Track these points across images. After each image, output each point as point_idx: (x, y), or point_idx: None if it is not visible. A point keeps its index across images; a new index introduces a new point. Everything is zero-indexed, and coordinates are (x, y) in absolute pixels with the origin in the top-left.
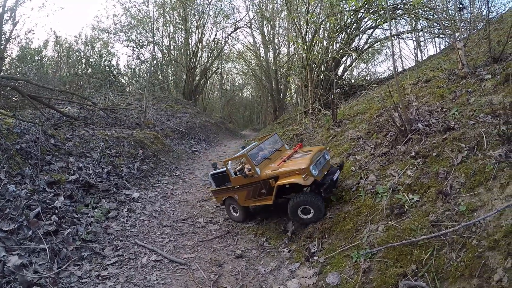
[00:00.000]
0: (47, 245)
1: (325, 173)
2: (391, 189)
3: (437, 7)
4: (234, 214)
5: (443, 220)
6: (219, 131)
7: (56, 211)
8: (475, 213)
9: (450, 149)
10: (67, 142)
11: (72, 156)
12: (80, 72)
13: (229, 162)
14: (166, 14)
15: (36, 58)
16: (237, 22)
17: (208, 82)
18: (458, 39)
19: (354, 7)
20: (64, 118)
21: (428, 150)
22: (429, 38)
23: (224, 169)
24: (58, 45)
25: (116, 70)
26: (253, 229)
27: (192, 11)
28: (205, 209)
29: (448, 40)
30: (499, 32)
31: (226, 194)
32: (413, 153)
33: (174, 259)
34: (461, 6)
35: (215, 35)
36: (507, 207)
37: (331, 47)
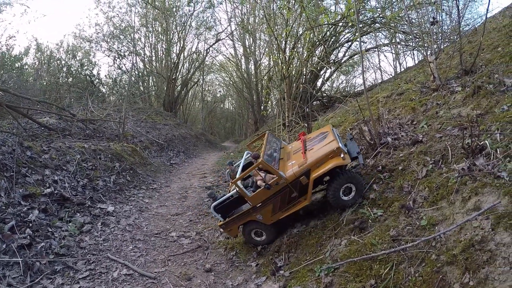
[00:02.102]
0: (20, 259)
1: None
2: (357, 203)
3: (412, 20)
4: (258, 239)
5: (403, 235)
6: (198, 143)
7: (31, 225)
8: (436, 228)
9: (416, 162)
10: (44, 154)
11: (48, 168)
12: (60, 81)
13: (239, 182)
14: (148, 25)
15: (17, 65)
16: (218, 34)
17: (190, 93)
18: (429, 52)
19: (326, 23)
20: (42, 128)
21: (394, 164)
22: (406, 51)
23: (224, 197)
24: (40, 52)
25: (97, 80)
26: (224, 243)
27: (174, 22)
28: (179, 223)
29: (423, 53)
30: (473, 45)
31: (242, 220)
32: (380, 167)
33: (144, 273)
34: (433, 20)
35: (197, 46)
36: (467, 221)
37: (309, 60)
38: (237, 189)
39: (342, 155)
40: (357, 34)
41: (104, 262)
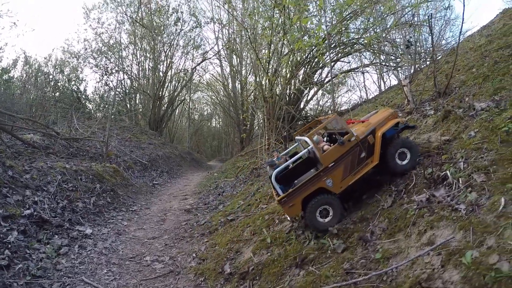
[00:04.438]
0: None
1: None
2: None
3: (394, 40)
4: (323, 220)
5: (357, 268)
6: (183, 163)
7: (9, 246)
8: (390, 261)
9: (382, 191)
10: (25, 174)
11: (29, 189)
12: (47, 95)
13: (315, 137)
14: (137, 42)
15: (4, 77)
16: (205, 54)
17: (176, 112)
18: (403, 76)
19: (301, 48)
20: (26, 146)
21: (359, 194)
22: (386, 71)
23: (289, 161)
24: (28, 65)
25: (84, 96)
26: (194, 269)
27: (162, 41)
28: (154, 247)
29: (397, 76)
30: (450, 65)
31: (309, 189)
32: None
33: None
34: (408, 43)
35: (184, 64)
36: (419, 257)
37: (291, 81)
38: (312, 143)
39: (400, 116)
40: (340, 54)
41: (78, 285)
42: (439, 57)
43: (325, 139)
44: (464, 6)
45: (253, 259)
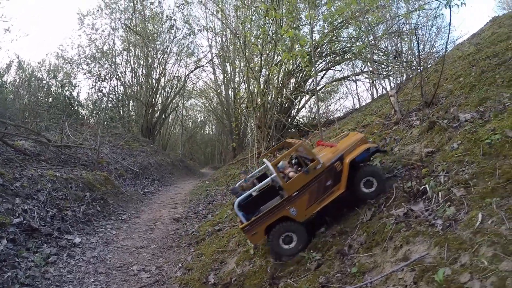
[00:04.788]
0: None
1: None
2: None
3: (387, 48)
4: (287, 246)
5: (333, 282)
6: (175, 171)
7: None
8: (365, 275)
9: (362, 204)
10: (15, 182)
11: (19, 197)
12: (40, 101)
13: (280, 163)
14: (131, 48)
15: None
16: (198, 61)
17: (170, 119)
18: (390, 86)
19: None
20: (17, 153)
21: (340, 206)
22: (376, 80)
23: (251, 190)
24: (21, 70)
25: (76, 102)
26: (179, 279)
27: (155, 48)
28: (142, 256)
29: (384, 87)
30: (438, 74)
31: (272, 218)
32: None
33: None
34: (395, 53)
35: (177, 71)
36: (393, 272)
37: (282, 90)
38: (275, 173)
39: (370, 141)
40: (331, 63)
41: None
42: (429, 66)
43: (294, 161)
44: (450, 17)
45: (236, 270)
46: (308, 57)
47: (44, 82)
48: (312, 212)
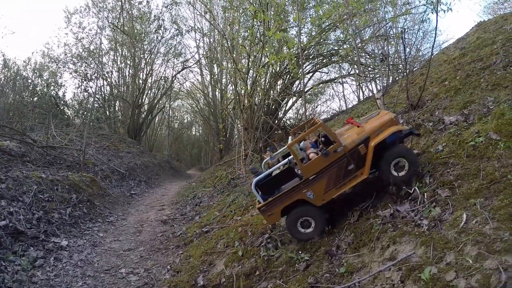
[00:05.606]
0: None
1: None
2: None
3: (370, 54)
4: (305, 230)
5: (322, 282)
6: (161, 172)
7: None
8: (353, 275)
9: (350, 205)
10: (1, 183)
11: (4, 199)
12: (25, 100)
13: (297, 144)
14: (118, 47)
15: None
16: (185, 62)
17: (156, 119)
18: (377, 89)
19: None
20: (2, 154)
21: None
22: (363, 82)
23: (270, 170)
24: (6, 68)
25: (62, 102)
26: (168, 282)
27: (142, 48)
28: (130, 259)
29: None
30: (424, 77)
31: (288, 200)
32: None
33: None
34: (382, 57)
35: (164, 72)
36: (380, 272)
37: (269, 92)
38: (293, 153)
39: (400, 124)
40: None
41: None
42: (415, 69)
43: (321, 139)
44: (437, 22)
45: (225, 271)
46: (295, 59)
47: (30, 81)
48: (331, 196)
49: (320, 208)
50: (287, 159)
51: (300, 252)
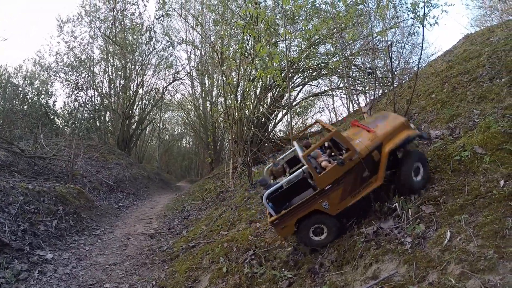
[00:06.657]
0: None
1: None
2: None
3: (359, 67)
4: (317, 238)
5: None
6: (150, 184)
7: None
8: None
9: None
10: None
11: None
12: (16, 108)
13: (310, 155)
14: (109, 58)
15: None
16: (176, 74)
17: (147, 131)
18: (364, 103)
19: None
20: None
21: None
22: (352, 95)
23: (282, 181)
24: None
25: (52, 111)
26: None
27: (133, 59)
28: (115, 273)
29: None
30: (412, 90)
31: (303, 212)
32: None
33: None
34: (370, 71)
35: (155, 83)
36: None
37: (259, 105)
38: (307, 164)
39: (413, 127)
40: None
41: None
42: (403, 82)
43: (326, 143)
44: (423, 35)
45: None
46: (283, 73)
47: (20, 89)
48: (346, 205)
49: (333, 215)
50: (300, 169)
51: (283, 269)
